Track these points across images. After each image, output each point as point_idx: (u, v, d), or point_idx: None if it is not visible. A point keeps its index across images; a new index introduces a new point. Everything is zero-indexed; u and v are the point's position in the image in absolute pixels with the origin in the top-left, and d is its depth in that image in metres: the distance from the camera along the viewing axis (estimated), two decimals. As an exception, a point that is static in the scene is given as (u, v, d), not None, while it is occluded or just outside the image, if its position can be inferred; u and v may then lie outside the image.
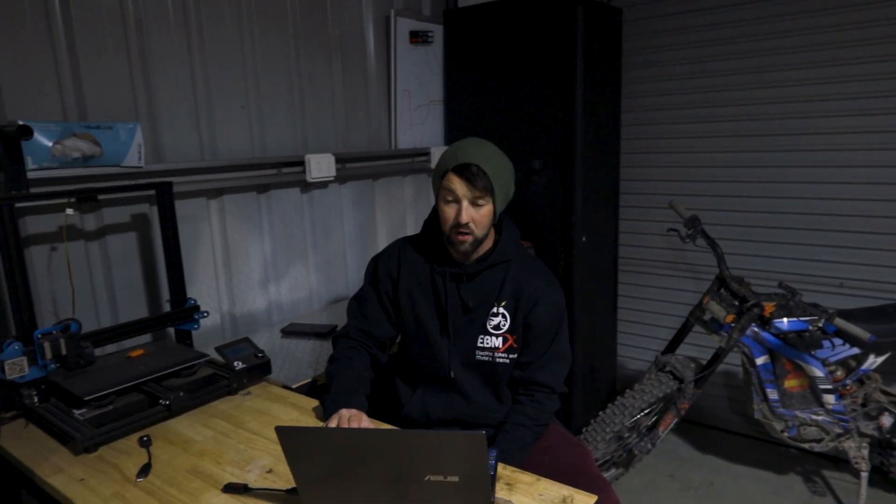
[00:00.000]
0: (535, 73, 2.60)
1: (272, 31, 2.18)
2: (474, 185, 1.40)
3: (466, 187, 1.40)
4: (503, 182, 1.45)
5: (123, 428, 1.37)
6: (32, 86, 1.62)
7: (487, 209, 1.44)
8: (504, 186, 1.46)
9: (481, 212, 1.43)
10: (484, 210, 1.43)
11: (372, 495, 1.05)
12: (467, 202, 1.42)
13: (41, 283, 1.67)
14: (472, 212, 1.42)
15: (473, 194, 1.41)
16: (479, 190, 1.40)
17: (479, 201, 1.42)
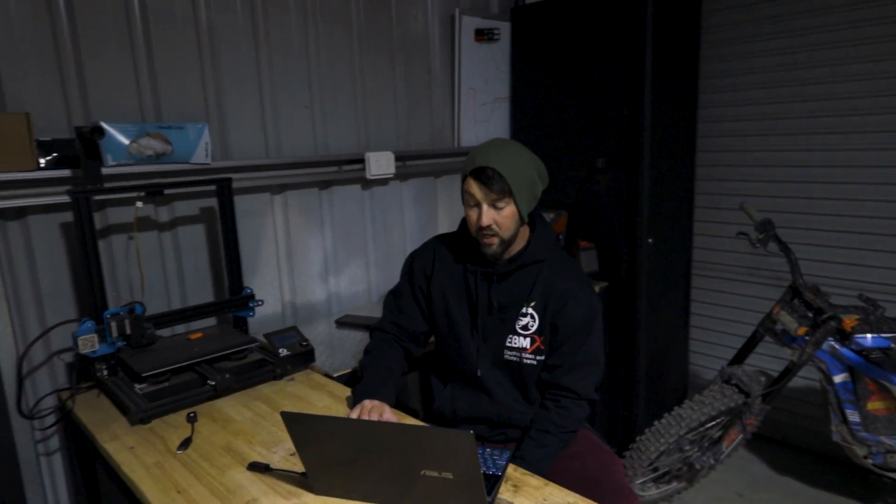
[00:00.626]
0: (601, 69, 2.53)
1: (336, 34, 2.27)
2: (490, 188, 1.39)
3: (484, 191, 1.40)
4: (525, 183, 1.42)
5: (174, 404, 1.50)
6: (114, 90, 1.79)
7: (509, 210, 1.42)
8: (527, 187, 1.43)
9: (503, 213, 1.42)
10: (506, 212, 1.42)
11: (374, 485, 1.09)
12: (487, 205, 1.42)
13: (119, 268, 1.85)
14: (494, 214, 1.42)
15: (491, 197, 1.40)
16: (496, 193, 1.40)
17: (498, 204, 1.41)
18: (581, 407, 1.51)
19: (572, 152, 2.70)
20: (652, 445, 2.19)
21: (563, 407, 1.49)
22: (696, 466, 2.30)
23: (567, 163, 2.72)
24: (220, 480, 1.20)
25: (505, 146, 1.45)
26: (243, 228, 2.11)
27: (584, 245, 2.63)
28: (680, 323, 2.96)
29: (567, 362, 1.50)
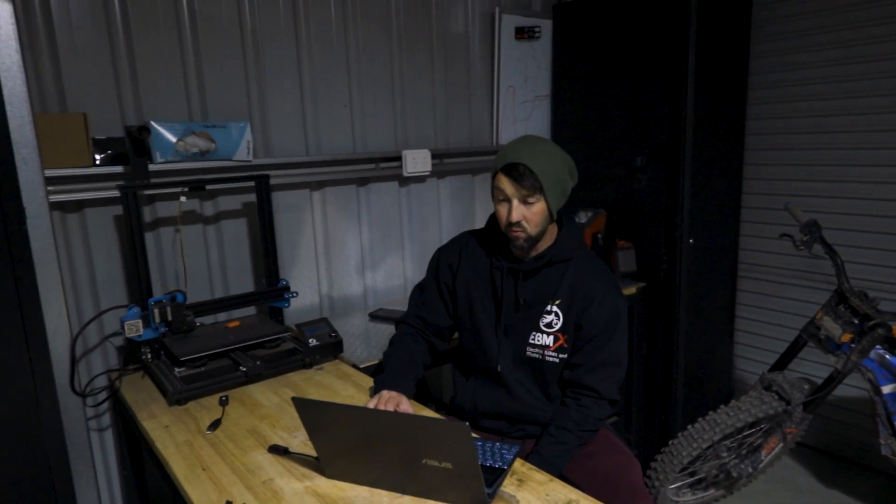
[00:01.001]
0: (642, 66, 2.49)
1: (375, 35, 2.33)
2: (521, 184, 1.41)
3: (514, 186, 1.42)
4: (555, 180, 1.43)
5: (208, 387, 1.59)
6: (164, 91, 1.91)
7: (539, 207, 1.43)
8: (556, 184, 1.44)
9: (533, 210, 1.43)
10: (535, 208, 1.43)
11: (381, 472, 1.13)
12: (517, 201, 1.43)
13: (167, 259, 1.97)
14: (524, 210, 1.43)
15: (521, 193, 1.42)
16: (526, 189, 1.41)
17: (528, 199, 1.42)
18: (601, 406, 1.51)
19: (611, 150, 2.66)
20: (684, 450, 2.15)
21: (584, 405, 1.50)
22: (734, 474, 2.25)
23: (606, 161, 2.69)
24: (241, 460, 1.27)
25: (536, 143, 1.46)
26: (283, 223, 2.20)
27: (623, 244, 2.59)
28: (724, 326, 2.88)
29: (589, 362, 1.50)
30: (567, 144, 2.78)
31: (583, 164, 2.72)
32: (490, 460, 1.20)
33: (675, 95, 2.41)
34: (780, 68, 2.64)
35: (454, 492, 1.07)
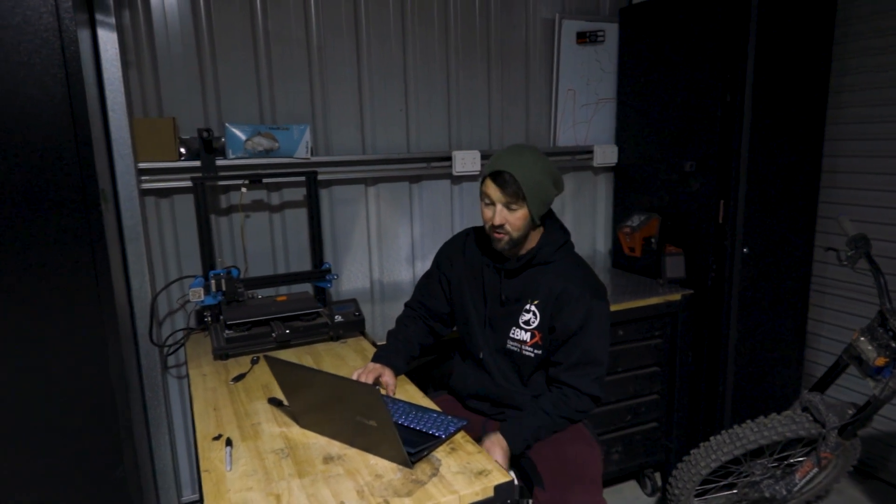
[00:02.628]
0: (700, 69, 2.44)
1: (433, 42, 2.53)
2: (505, 190, 1.53)
3: (499, 192, 1.55)
4: (537, 188, 1.54)
5: (246, 348, 1.91)
6: (241, 97, 2.26)
7: (521, 213, 1.55)
8: (538, 193, 1.54)
9: (515, 215, 1.55)
10: (518, 213, 1.55)
11: (338, 427, 1.34)
12: (501, 206, 1.56)
13: (237, 239, 2.34)
14: (506, 214, 1.56)
15: (505, 199, 1.54)
16: (509, 195, 1.53)
17: (511, 205, 1.55)
18: (582, 400, 1.59)
19: (666, 154, 2.64)
20: (702, 461, 2.13)
21: (565, 395, 1.59)
22: (766, 495, 2.17)
23: (661, 165, 2.67)
24: (245, 407, 1.55)
25: (523, 153, 1.57)
26: (339, 214, 2.49)
27: (672, 250, 2.57)
28: (791, 342, 2.71)
29: (566, 361, 1.59)
30: (629, 148, 2.81)
31: (642, 167, 2.73)
32: (434, 429, 1.37)
33: (729, 98, 2.35)
34: (870, 69, 2.44)
35: (384, 448, 1.26)
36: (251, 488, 1.19)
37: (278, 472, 1.24)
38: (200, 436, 1.41)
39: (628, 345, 2.45)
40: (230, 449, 1.33)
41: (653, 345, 2.51)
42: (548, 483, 1.50)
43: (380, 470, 1.24)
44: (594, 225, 3.04)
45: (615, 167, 2.96)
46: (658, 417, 2.59)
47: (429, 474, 1.22)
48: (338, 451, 1.32)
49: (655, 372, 2.54)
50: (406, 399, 1.57)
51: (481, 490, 1.17)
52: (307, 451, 1.32)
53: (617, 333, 2.41)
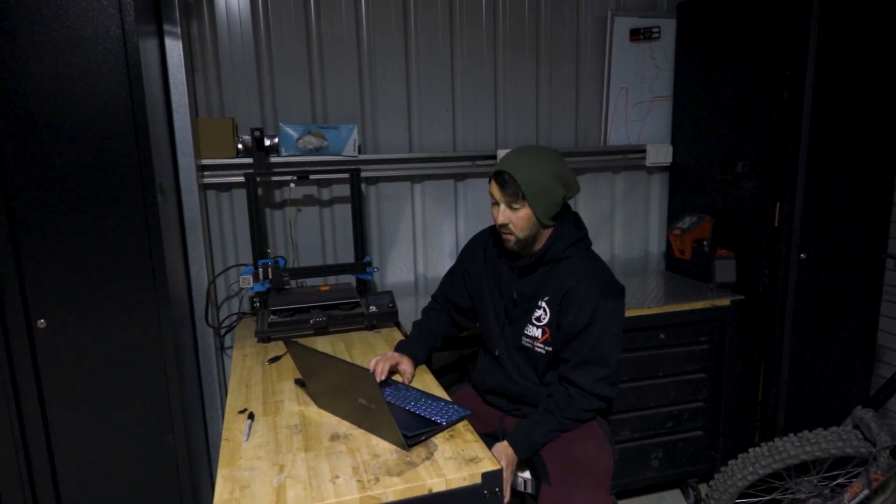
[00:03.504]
0: (758, 66, 2.34)
1: (481, 42, 2.57)
2: (505, 190, 1.56)
3: (500, 192, 1.58)
4: (539, 189, 1.55)
5: (286, 332, 2.05)
6: (294, 98, 2.41)
7: (524, 213, 1.57)
8: (542, 193, 1.55)
9: (518, 214, 1.58)
10: (521, 213, 1.58)
11: (347, 408, 1.43)
12: (503, 205, 1.59)
13: (289, 233, 2.49)
14: (509, 214, 1.59)
15: (506, 199, 1.57)
16: (509, 195, 1.56)
17: (513, 205, 1.57)
18: (588, 400, 1.59)
19: (720, 154, 2.54)
20: (739, 473, 2.05)
21: (571, 395, 1.60)
22: (812, 514, 2.07)
23: (715, 165, 2.58)
24: (273, 385, 1.68)
25: (528, 154, 1.59)
26: (387, 210, 2.60)
27: (722, 254, 2.48)
28: (858, 354, 2.53)
29: (573, 359, 1.59)
30: (685, 147, 2.74)
31: (697, 167, 2.65)
32: (437, 416, 1.43)
33: (787, 96, 2.24)
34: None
35: (385, 431, 1.33)
36: (260, 458, 1.30)
37: (288, 445, 1.35)
38: (229, 408, 1.54)
39: (670, 349, 2.40)
40: (251, 422, 1.45)
41: (698, 350, 2.43)
42: (554, 480, 1.51)
43: (379, 450, 1.32)
44: (647, 226, 2.97)
45: (670, 167, 2.88)
46: (703, 426, 2.51)
47: (423, 457, 1.28)
48: (345, 431, 1.41)
49: (701, 379, 2.46)
50: (421, 387, 1.64)
51: (469, 476, 1.22)
52: (318, 429, 1.42)
53: (658, 337, 2.36)
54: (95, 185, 1.68)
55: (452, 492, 1.21)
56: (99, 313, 1.73)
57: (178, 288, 2.09)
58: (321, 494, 1.16)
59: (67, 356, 1.73)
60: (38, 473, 1.76)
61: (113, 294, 1.74)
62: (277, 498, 1.15)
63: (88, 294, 1.72)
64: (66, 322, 1.71)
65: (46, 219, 1.66)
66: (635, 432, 2.43)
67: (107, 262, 1.72)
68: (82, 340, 1.73)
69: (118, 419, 1.79)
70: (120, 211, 1.71)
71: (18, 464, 1.73)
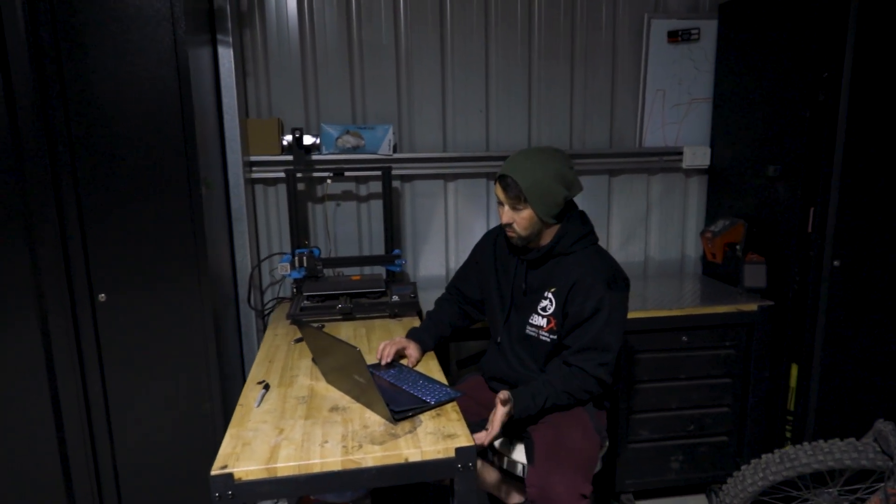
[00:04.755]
0: (792, 65, 2.29)
1: (515, 46, 2.66)
2: (507, 193, 1.66)
3: (503, 194, 1.68)
4: (540, 191, 1.63)
5: (316, 316, 2.22)
6: (336, 100, 2.59)
7: (526, 213, 1.66)
8: (543, 195, 1.64)
9: (521, 215, 1.67)
10: (523, 214, 1.66)
11: (349, 384, 1.57)
12: (507, 206, 1.68)
13: (330, 224, 2.68)
14: (513, 214, 1.68)
15: (509, 200, 1.67)
16: (511, 197, 1.65)
17: (516, 206, 1.67)
18: (588, 381, 1.65)
19: (754, 157, 2.51)
20: (750, 478, 2.03)
21: (572, 373, 1.66)
22: (828, 528, 2.03)
23: (749, 168, 2.54)
24: (293, 362, 1.85)
25: (530, 156, 1.68)
26: (420, 207, 2.73)
27: (753, 258, 2.44)
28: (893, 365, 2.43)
29: (576, 345, 1.67)
30: (724, 149, 2.71)
31: (734, 170, 2.62)
32: (428, 396, 1.54)
33: (822, 98, 2.19)
34: None
35: (376, 405, 1.46)
36: (266, 422, 1.46)
37: (292, 413, 1.51)
38: (250, 379, 1.73)
39: (693, 352, 2.39)
40: (265, 392, 1.62)
41: (723, 355, 2.41)
42: (538, 461, 1.59)
43: (369, 423, 1.45)
44: (684, 229, 2.95)
45: (708, 169, 2.85)
46: (728, 431, 2.49)
47: (406, 431, 1.40)
48: (345, 404, 1.55)
49: (726, 384, 2.44)
50: (425, 371, 1.76)
51: (444, 450, 1.33)
52: (321, 401, 1.57)
53: (680, 339, 2.37)
54: (148, 178, 1.91)
55: (426, 462, 1.32)
56: (150, 291, 1.96)
57: (224, 272, 2.31)
58: (309, 455, 1.30)
59: (123, 327, 1.97)
60: (98, 426, 2.02)
61: (162, 274, 1.97)
62: (271, 455, 1.30)
63: (142, 273, 1.95)
64: (123, 297, 1.96)
65: (108, 208, 1.90)
66: (654, 433, 2.44)
67: (157, 245, 1.95)
68: (136, 314, 1.97)
69: (164, 385, 2.02)
70: (169, 201, 1.93)
71: (81, 418, 1.99)
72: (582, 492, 1.52)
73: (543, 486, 1.53)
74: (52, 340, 1.93)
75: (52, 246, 1.88)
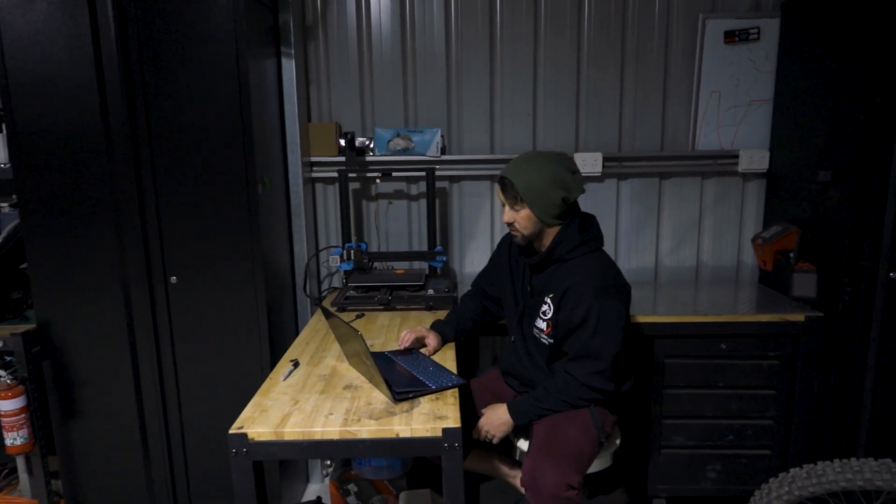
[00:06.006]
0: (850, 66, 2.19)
1: (564, 51, 2.71)
2: (505, 193, 1.75)
3: (503, 196, 1.77)
4: (537, 193, 1.71)
5: (359, 305, 2.41)
6: (390, 105, 2.77)
7: (524, 213, 1.74)
8: (540, 197, 1.71)
9: (520, 215, 1.75)
10: (522, 214, 1.75)
11: (362, 367, 1.73)
12: (507, 207, 1.77)
13: (381, 221, 2.87)
14: (513, 214, 1.77)
15: (508, 201, 1.76)
16: (509, 198, 1.75)
17: (514, 207, 1.75)
18: (582, 389, 1.72)
19: (811, 161, 2.40)
20: (775, 492, 1.98)
21: (568, 382, 1.74)
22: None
23: (805, 173, 2.43)
24: (326, 344, 2.04)
25: (530, 160, 1.76)
26: (467, 206, 2.86)
27: (803, 267, 2.35)
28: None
29: (570, 352, 1.74)
30: (784, 153, 2.63)
31: (793, 174, 2.52)
32: (431, 381, 1.67)
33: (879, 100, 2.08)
34: None
35: (380, 386, 1.61)
36: (286, 394, 1.66)
37: (310, 388, 1.69)
38: (285, 357, 1.94)
39: (733, 360, 2.34)
40: (293, 368, 1.82)
41: (766, 365, 2.34)
42: (533, 451, 1.67)
43: (374, 401, 1.60)
44: (740, 234, 2.86)
45: (767, 174, 2.75)
46: (772, 445, 2.41)
47: (403, 410, 1.54)
48: (358, 384, 1.72)
49: (769, 395, 2.37)
50: (440, 360, 1.89)
51: (432, 429, 1.45)
52: (339, 380, 1.75)
53: (718, 346, 2.33)
54: (212, 177, 2.17)
55: (415, 439, 1.45)
56: (213, 276, 2.24)
57: (282, 262, 2.57)
58: (313, 424, 1.48)
59: (190, 306, 2.26)
60: (168, 388, 2.32)
61: (223, 261, 2.23)
62: (282, 421, 1.49)
63: (206, 260, 2.23)
64: (191, 280, 2.24)
65: (180, 203, 2.19)
66: (689, 439, 2.41)
67: (219, 236, 2.22)
68: (201, 295, 2.25)
69: (225, 358, 2.29)
70: (229, 198, 2.19)
71: (154, 379, 2.30)
72: (570, 482, 1.58)
73: (534, 474, 1.61)
74: (133, 314, 2.26)
75: (134, 234, 2.20)
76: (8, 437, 2.18)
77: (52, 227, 2.19)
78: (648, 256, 2.90)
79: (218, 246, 2.22)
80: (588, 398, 1.72)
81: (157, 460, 2.36)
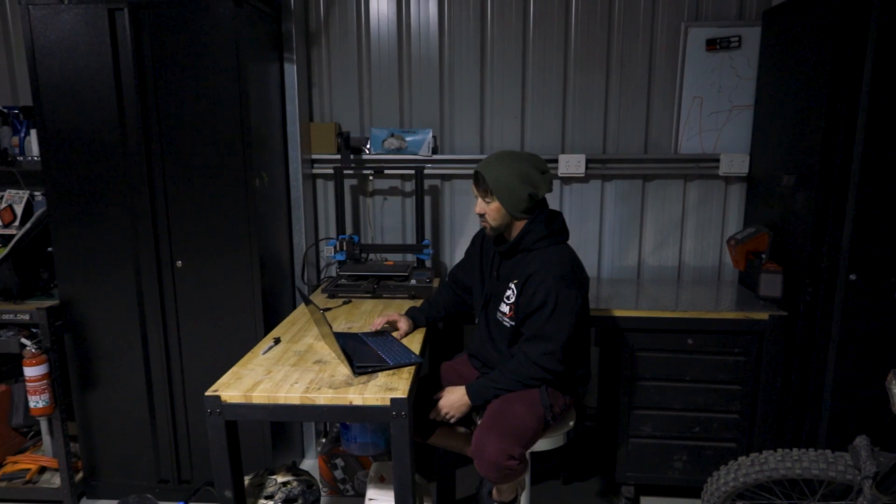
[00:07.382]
0: (814, 72, 2.27)
1: (552, 54, 2.85)
2: (477, 187, 1.91)
3: (475, 188, 1.92)
4: (505, 188, 1.86)
5: (347, 293, 2.61)
6: (386, 107, 2.96)
7: (495, 206, 1.90)
8: (508, 191, 1.86)
9: (490, 206, 1.91)
10: (492, 206, 1.90)
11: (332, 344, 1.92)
12: (480, 199, 1.93)
13: (375, 217, 3.06)
14: (484, 206, 1.92)
15: (480, 193, 1.91)
16: (480, 191, 1.90)
17: (485, 199, 1.91)
18: (533, 368, 1.86)
19: (781, 166, 2.48)
20: (722, 479, 2.09)
21: (521, 362, 1.89)
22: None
23: (775, 177, 2.52)
24: (309, 326, 2.24)
25: (502, 158, 1.91)
26: (458, 204, 3.03)
27: (770, 267, 2.44)
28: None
29: (527, 333, 1.89)
30: (763, 158, 2.72)
31: (769, 178, 2.62)
32: (391, 358, 1.84)
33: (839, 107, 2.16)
34: None
35: (342, 360, 1.80)
36: (262, 365, 1.85)
37: (284, 361, 1.89)
38: (269, 335, 2.14)
39: (699, 355, 2.44)
40: (273, 344, 2.02)
41: (732, 361, 2.44)
42: (481, 426, 1.83)
43: (337, 374, 1.78)
44: (722, 236, 2.95)
45: (748, 177, 2.83)
46: (737, 438, 2.50)
47: (361, 382, 1.72)
48: (327, 359, 1.90)
49: (735, 390, 2.46)
50: (407, 343, 2.06)
51: (381, 399, 1.63)
52: (312, 356, 1.94)
53: (685, 342, 2.43)
54: (216, 171, 2.39)
55: (366, 407, 1.63)
56: (215, 261, 2.46)
57: (281, 251, 2.78)
58: (278, 390, 1.67)
59: (194, 288, 2.49)
60: (173, 362, 2.56)
61: (224, 249, 2.45)
62: (252, 387, 1.69)
63: (209, 247, 2.45)
64: (195, 265, 2.47)
65: (186, 194, 2.42)
66: (658, 430, 2.52)
67: (221, 225, 2.44)
68: (204, 279, 2.48)
69: (224, 336, 2.51)
70: (230, 191, 2.41)
71: (161, 354, 2.55)
72: (510, 453, 1.74)
73: (480, 444, 1.77)
74: (143, 294, 2.50)
75: (145, 222, 2.44)
76: (32, 400, 2.45)
77: (74, 214, 2.45)
78: (632, 256, 3.01)
79: (219, 234, 2.45)
80: (538, 377, 1.87)
81: (161, 426, 2.60)
